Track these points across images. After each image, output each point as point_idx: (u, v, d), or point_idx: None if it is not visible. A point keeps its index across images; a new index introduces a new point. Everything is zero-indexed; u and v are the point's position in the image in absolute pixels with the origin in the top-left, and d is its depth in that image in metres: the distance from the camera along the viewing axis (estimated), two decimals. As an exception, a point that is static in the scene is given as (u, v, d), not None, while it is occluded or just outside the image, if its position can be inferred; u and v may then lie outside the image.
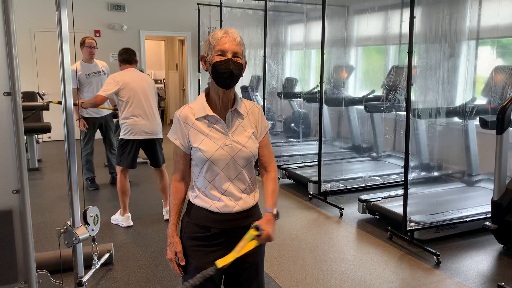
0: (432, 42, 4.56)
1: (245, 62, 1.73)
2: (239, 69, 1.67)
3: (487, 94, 4.41)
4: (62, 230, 2.77)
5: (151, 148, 4.12)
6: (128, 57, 4.11)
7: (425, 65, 4.51)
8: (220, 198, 1.70)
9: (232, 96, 1.74)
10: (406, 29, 3.48)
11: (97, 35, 8.58)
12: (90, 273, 2.97)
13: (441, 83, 4.63)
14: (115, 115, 6.22)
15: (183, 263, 1.75)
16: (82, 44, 5.14)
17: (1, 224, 2.53)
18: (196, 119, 1.70)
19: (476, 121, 4.47)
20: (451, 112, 4.59)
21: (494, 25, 4.86)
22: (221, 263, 1.60)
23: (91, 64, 5.17)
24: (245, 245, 1.63)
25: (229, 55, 1.64)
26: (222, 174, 1.69)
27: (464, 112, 4.48)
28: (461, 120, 4.62)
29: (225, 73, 1.64)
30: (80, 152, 5.04)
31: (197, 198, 1.74)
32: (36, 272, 2.70)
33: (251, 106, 1.80)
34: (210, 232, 1.71)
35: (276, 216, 1.69)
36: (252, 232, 1.61)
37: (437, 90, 4.60)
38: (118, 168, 4.08)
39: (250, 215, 1.76)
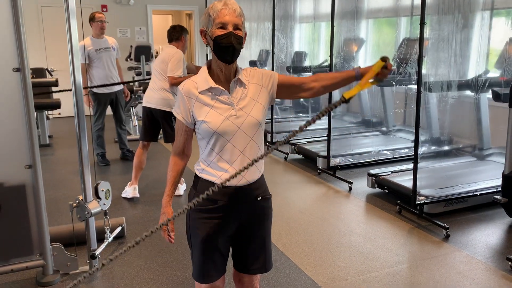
0: (444, 13, 4.44)
1: (245, 34, 1.70)
2: (240, 42, 1.64)
3: (501, 66, 4.31)
4: (74, 205, 2.82)
5: (158, 120, 4.16)
6: (168, 36, 4.19)
7: (437, 37, 4.41)
8: (227, 170, 1.70)
9: (234, 68, 1.72)
10: (418, 0, 3.39)
11: (104, 10, 8.50)
12: (102, 246, 3.04)
13: (453, 56, 4.53)
14: (131, 90, 6.24)
15: (173, 233, 1.80)
16: (92, 19, 5.10)
17: (15, 198, 2.59)
18: (200, 92, 1.69)
19: (489, 94, 4.39)
20: (463, 85, 4.51)
21: (509, -5, 4.71)
22: (347, 94, 1.55)
23: (101, 40, 5.15)
24: (371, 76, 1.61)
25: (230, 28, 1.61)
26: (229, 145, 1.68)
27: (477, 85, 4.40)
28: (473, 93, 4.55)
29: (227, 47, 1.61)
30: (90, 128, 5.07)
31: (203, 171, 1.75)
32: (51, 245, 2.77)
33: (249, 72, 1.77)
34: (216, 204, 1.73)
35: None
36: (380, 63, 1.61)
37: (449, 62, 4.51)
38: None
39: (256, 188, 1.77)
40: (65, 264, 2.87)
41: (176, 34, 4.14)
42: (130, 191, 4.27)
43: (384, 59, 1.60)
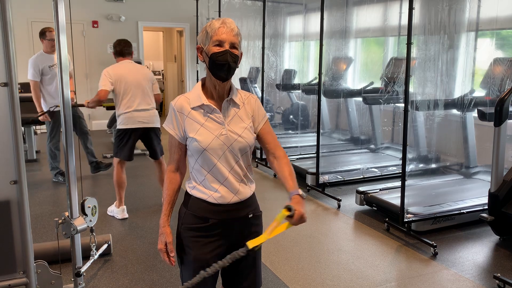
0: (431, 34, 4.54)
1: (241, 54, 1.72)
2: (236, 61, 1.66)
3: (486, 86, 4.40)
4: (60, 221, 2.78)
5: (148, 138, 4.12)
6: (120, 49, 4.04)
7: (424, 56, 4.50)
8: (218, 189, 1.70)
9: (228, 87, 1.74)
10: (405, 20, 3.46)
11: (95, 25, 8.53)
12: (88, 263, 2.99)
13: (440, 75, 4.62)
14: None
15: (172, 254, 1.76)
16: (43, 35, 4.92)
17: (-1, 214, 2.53)
18: (192, 108, 1.70)
19: (474, 113, 4.47)
20: (450, 104, 4.59)
21: (493, 17, 4.84)
22: (251, 244, 1.56)
23: (52, 55, 4.96)
24: (276, 227, 1.58)
25: (227, 46, 1.63)
26: (218, 164, 1.69)
27: (463, 104, 4.48)
28: (459, 112, 4.62)
29: (222, 65, 1.63)
30: (78, 144, 5.02)
31: (194, 189, 1.75)
32: (35, 263, 2.71)
33: (247, 96, 1.80)
34: (208, 222, 1.72)
35: (302, 196, 1.67)
36: (284, 213, 1.57)
37: (436, 82, 4.60)
38: (115, 160, 4.07)
39: (247, 206, 1.77)
40: (49, 282, 2.80)
41: (129, 49, 4.08)
42: (119, 213, 4.13)
43: (289, 207, 1.58)
